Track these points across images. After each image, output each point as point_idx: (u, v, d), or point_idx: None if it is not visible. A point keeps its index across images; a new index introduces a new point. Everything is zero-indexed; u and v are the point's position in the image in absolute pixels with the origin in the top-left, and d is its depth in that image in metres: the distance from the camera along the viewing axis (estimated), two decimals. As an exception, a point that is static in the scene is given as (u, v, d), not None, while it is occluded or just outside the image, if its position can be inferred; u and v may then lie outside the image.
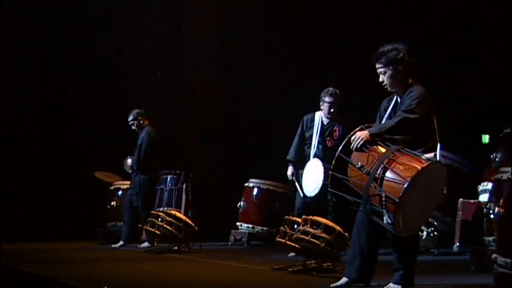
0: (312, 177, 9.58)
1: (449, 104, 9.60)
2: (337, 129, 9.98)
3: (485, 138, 11.31)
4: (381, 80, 6.44)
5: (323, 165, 9.41)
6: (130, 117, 11.82)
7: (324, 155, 9.69)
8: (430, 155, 6.07)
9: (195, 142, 14.95)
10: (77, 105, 13.71)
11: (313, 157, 9.81)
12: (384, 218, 5.94)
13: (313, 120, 10.14)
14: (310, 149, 9.96)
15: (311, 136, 10.04)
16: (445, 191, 6.17)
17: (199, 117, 15.13)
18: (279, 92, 14.40)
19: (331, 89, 9.98)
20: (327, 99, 9.95)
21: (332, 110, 9.92)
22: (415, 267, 6.40)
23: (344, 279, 6.46)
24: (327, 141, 9.95)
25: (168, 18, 15.11)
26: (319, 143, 9.91)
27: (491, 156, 9.23)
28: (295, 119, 14.23)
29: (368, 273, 6.47)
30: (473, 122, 11.11)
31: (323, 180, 9.22)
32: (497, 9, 11.35)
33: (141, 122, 11.84)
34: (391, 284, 6.31)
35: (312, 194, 9.55)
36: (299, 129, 10.31)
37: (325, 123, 10.04)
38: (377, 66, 6.44)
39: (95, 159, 13.47)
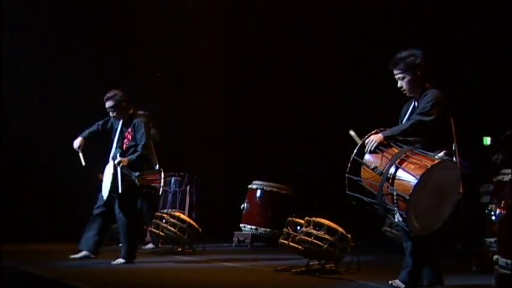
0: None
1: (451, 106, 9.59)
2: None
3: (487, 140, 11.31)
4: (399, 85, 6.55)
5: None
6: None
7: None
8: (441, 153, 6.08)
9: (199, 144, 14.92)
10: (78, 105, 13.54)
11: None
12: (396, 216, 5.98)
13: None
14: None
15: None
16: (461, 190, 6.17)
17: (203, 119, 15.11)
18: (282, 94, 14.38)
19: (107, 94, 9.19)
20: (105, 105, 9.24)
21: (113, 114, 9.25)
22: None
23: None
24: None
25: (171, 20, 15.04)
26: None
27: (493, 158, 9.23)
28: (298, 120, 14.30)
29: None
30: (475, 124, 11.09)
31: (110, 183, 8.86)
32: (498, 12, 11.35)
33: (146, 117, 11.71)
34: (396, 281, 6.34)
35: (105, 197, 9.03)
36: None
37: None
38: (395, 72, 6.54)
39: (98, 161, 13.40)
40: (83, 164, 9.33)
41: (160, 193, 9.09)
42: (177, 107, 15.11)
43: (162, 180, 9.03)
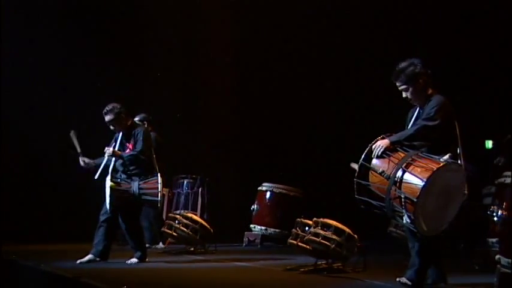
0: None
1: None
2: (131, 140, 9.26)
3: (489, 144, 11.32)
4: (404, 96, 6.61)
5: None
6: (136, 118, 11.25)
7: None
8: (446, 156, 6.12)
9: (210, 147, 14.92)
10: (87, 106, 13.21)
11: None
12: (404, 218, 6.03)
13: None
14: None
15: None
16: (466, 191, 6.20)
17: (214, 123, 15.11)
18: (291, 97, 14.39)
19: (105, 108, 9.14)
20: (105, 119, 9.19)
21: (113, 127, 9.24)
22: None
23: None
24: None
25: (182, 22, 14.95)
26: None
27: (495, 160, 9.24)
28: (307, 124, 14.31)
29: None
30: (477, 128, 11.11)
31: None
32: (501, 18, 11.35)
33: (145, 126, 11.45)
34: (404, 278, 6.37)
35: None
36: None
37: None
38: (398, 84, 6.60)
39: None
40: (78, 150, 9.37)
41: (159, 198, 9.03)
42: (189, 110, 15.09)
43: (160, 186, 8.97)
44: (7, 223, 11.82)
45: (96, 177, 9.11)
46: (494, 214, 7.62)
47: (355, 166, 6.40)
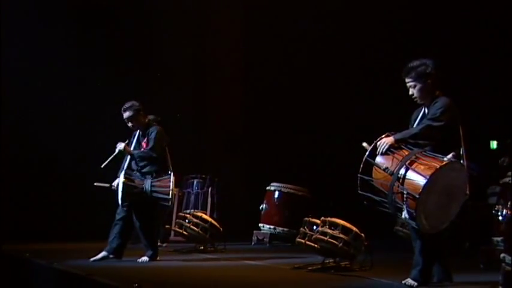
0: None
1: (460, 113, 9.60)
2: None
3: (493, 144, 11.30)
4: (410, 93, 6.59)
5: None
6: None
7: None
8: (450, 156, 6.11)
9: (220, 148, 14.93)
10: (99, 106, 13.20)
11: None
12: (403, 213, 6.02)
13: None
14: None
15: None
16: (467, 191, 6.19)
17: (223, 123, 15.11)
18: (298, 98, 14.38)
19: (124, 105, 9.15)
20: (124, 116, 9.17)
21: (131, 124, 9.21)
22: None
23: None
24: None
25: (191, 24, 14.95)
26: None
27: (499, 160, 9.22)
28: (315, 124, 14.30)
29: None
30: (482, 129, 11.08)
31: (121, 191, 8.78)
32: (506, 20, 11.32)
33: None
34: (409, 280, 6.36)
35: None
36: None
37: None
38: (407, 80, 6.58)
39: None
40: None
41: (171, 197, 9.00)
42: (198, 111, 15.09)
43: (172, 184, 8.95)
44: (20, 222, 11.87)
45: (102, 166, 9.12)
46: (499, 213, 7.60)
47: (367, 146, 6.39)
